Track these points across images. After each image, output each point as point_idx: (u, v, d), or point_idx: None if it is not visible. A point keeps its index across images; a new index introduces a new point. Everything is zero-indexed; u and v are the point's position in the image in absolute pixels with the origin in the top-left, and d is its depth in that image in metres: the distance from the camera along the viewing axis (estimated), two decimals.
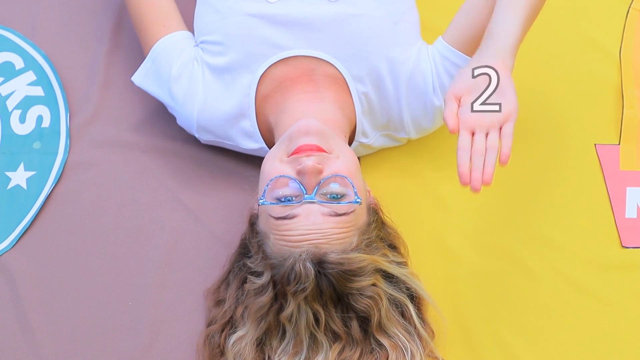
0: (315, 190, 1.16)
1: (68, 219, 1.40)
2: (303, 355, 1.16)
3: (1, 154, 1.45)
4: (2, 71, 1.52)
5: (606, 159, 1.43)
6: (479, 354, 1.29)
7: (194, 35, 1.40)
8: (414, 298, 1.23)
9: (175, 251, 1.37)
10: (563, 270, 1.35)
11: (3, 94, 1.50)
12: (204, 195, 1.42)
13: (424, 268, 1.29)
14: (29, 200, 1.41)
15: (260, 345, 1.19)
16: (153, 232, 1.39)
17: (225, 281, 1.29)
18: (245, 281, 1.22)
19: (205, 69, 1.34)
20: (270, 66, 1.31)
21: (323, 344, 1.16)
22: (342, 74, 1.31)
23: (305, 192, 1.16)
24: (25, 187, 1.43)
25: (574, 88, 1.49)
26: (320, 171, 1.16)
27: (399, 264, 1.22)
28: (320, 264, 1.12)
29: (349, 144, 1.35)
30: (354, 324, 1.17)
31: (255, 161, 1.38)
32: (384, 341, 1.17)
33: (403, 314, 1.20)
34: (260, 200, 1.18)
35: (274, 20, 1.30)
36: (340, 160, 1.19)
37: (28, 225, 1.40)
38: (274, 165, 1.20)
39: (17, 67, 1.52)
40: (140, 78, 1.39)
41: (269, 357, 1.18)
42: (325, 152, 1.19)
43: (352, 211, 1.16)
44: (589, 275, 1.34)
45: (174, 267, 1.36)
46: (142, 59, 1.39)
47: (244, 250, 1.26)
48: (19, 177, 1.43)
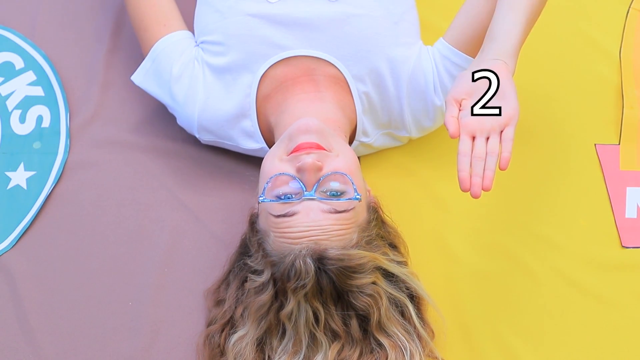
0: (314, 187, 1.16)
1: (68, 219, 1.40)
2: (302, 354, 1.16)
3: (1, 154, 1.45)
4: (2, 71, 1.52)
5: (606, 159, 1.43)
6: (479, 354, 1.29)
7: (194, 35, 1.40)
8: (413, 298, 1.23)
9: (175, 251, 1.37)
10: (563, 270, 1.35)
11: (3, 94, 1.50)
12: (204, 195, 1.42)
13: (424, 268, 1.29)
14: (29, 200, 1.41)
15: (261, 345, 1.19)
16: (153, 232, 1.39)
17: (225, 281, 1.29)
18: (245, 281, 1.22)
19: (205, 69, 1.34)
20: (270, 66, 1.31)
21: (322, 343, 1.16)
22: (343, 74, 1.31)
23: (305, 190, 1.16)
24: (25, 187, 1.43)
25: (574, 88, 1.49)
26: (319, 168, 1.16)
27: (399, 263, 1.22)
28: (321, 260, 1.12)
29: (350, 143, 1.35)
30: (354, 323, 1.17)
31: (255, 161, 1.38)
32: (384, 341, 1.17)
33: (403, 314, 1.20)
34: (260, 198, 1.18)
35: (275, 20, 1.30)
36: (340, 158, 1.19)
37: (28, 225, 1.40)
38: (274, 164, 1.20)
39: (17, 67, 1.52)
40: (140, 77, 1.39)
41: (269, 357, 1.18)
42: (325, 150, 1.19)
43: (352, 208, 1.17)
44: (589, 275, 1.34)
45: (174, 267, 1.36)
46: (142, 59, 1.39)
47: (244, 250, 1.26)
48: (19, 177, 1.43)
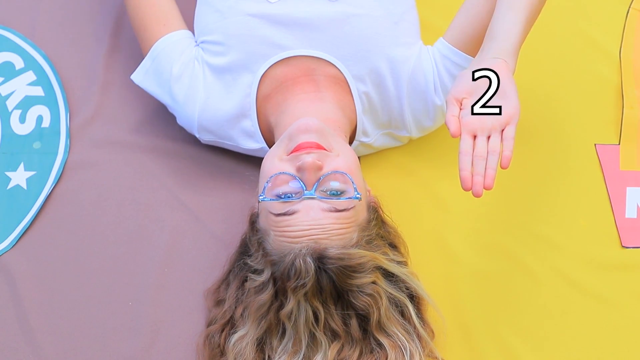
0: (314, 186, 1.16)
1: (68, 219, 1.40)
2: (302, 353, 1.16)
3: (1, 154, 1.45)
4: (2, 71, 1.52)
5: (606, 159, 1.43)
6: (479, 354, 1.29)
7: (194, 35, 1.40)
8: (413, 298, 1.23)
9: (175, 251, 1.37)
10: (563, 270, 1.35)
11: (3, 94, 1.50)
12: (204, 195, 1.42)
13: (424, 268, 1.29)
14: (29, 200, 1.41)
15: (261, 345, 1.19)
16: (153, 232, 1.39)
17: (225, 281, 1.29)
18: (245, 280, 1.22)
19: (206, 68, 1.34)
20: (271, 66, 1.31)
21: (322, 342, 1.16)
22: (343, 74, 1.31)
23: (305, 189, 1.16)
24: (25, 187, 1.43)
25: (574, 88, 1.49)
26: (320, 168, 1.16)
27: (399, 263, 1.22)
28: (321, 259, 1.12)
29: (350, 143, 1.35)
30: (353, 323, 1.17)
31: (256, 161, 1.38)
32: (383, 340, 1.17)
33: (402, 314, 1.20)
34: (260, 197, 1.18)
35: (275, 20, 1.30)
36: (340, 158, 1.19)
37: (28, 225, 1.39)
38: (274, 163, 1.20)
39: (17, 67, 1.52)
40: (140, 77, 1.39)
41: (269, 357, 1.18)
42: (325, 150, 1.19)
43: (352, 207, 1.17)
44: (589, 275, 1.34)
45: (174, 267, 1.36)
46: (142, 58, 1.39)
47: (244, 250, 1.26)
48: (19, 177, 1.43)
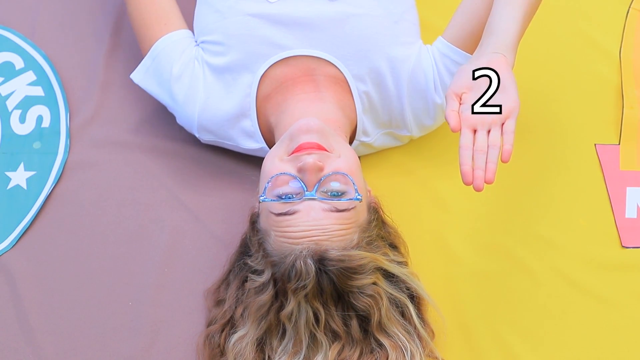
0: (315, 187, 1.16)
1: (68, 219, 1.40)
2: (302, 354, 1.16)
3: (1, 154, 1.45)
4: (2, 71, 1.52)
5: (606, 159, 1.43)
6: (479, 354, 1.29)
7: (194, 34, 1.40)
8: (414, 298, 1.23)
9: (175, 251, 1.37)
10: (563, 270, 1.34)
11: (3, 94, 1.50)
12: (204, 195, 1.42)
13: (424, 268, 1.29)
14: (29, 200, 1.41)
15: (261, 345, 1.19)
16: (153, 232, 1.39)
17: (225, 281, 1.29)
18: (245, 280, 1.22)
19: (206, 68, 1.34)
20: (270, 66, 1.31)
21: (323, 343, 1.16)
22: (343, 73, 1.31)
23: (305, 190, 1.16)
24: (25, 187, 1.43)
25: (574, 88, 1.49)
26: (321, 168, 1.16)
27: (400, 263, 1.22)
28: (321, 260, 1.12)
29: (350, 143, 1.35)
30: (354, 323, 1.17)
31: (256, 161, 1.38)
32: (384, 341, 1.17)
33: (403, 314, 1.20)
34: (261, 198, 1.18)
35: (274, 20, 1.30)
36: (340, 159, 1.19)
37: (28, 225, 1.39)
38: (275, 164, 1.20)
39: (17, 67, 1.52)
40: (139, 76, 1.39)
41: (269, 357, 1.18)
42: (326, 151, 1.19)
43: (353, 208, 1.16)
44: (589, 275, 1.34)
45: (174, 267, 1.36)
46: (142, 58, 1.39)
47: (244, 250, 1.26)
48: (19, 177, 1.43)
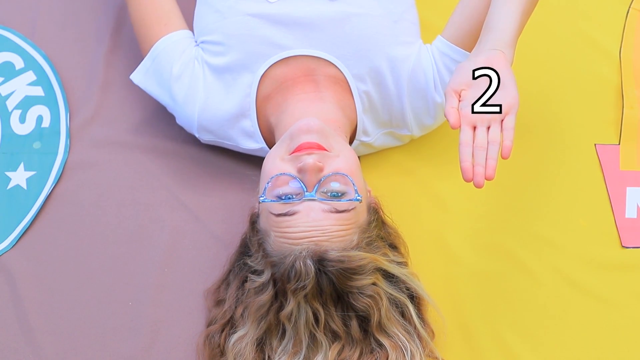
0: (315, 188, 1.16)
1: (68, 219, 1.40)
2: (302, 354, 1.16)
3: (1, 154, 1.45)
4: (2, 71, 1.52)
5: (606, 159, 1.43)
6: (479, 354, 1.29)
7: (193, 34, 1.40)
8: (414, 298, 1.22)
9: (175, 251, 1.37)
10: (563, 270, 1.34)
11: (3, 94, 1.50)
12: (204, 195, 1.42)
13: (424, 268, 1.29)
14: (29, 200, 1.41)
15: (260, 345, 1.19)
16: (153, 232, 1.39)
17: (225, 281, 1.29)
18: (245, 281, 1.22)
19: (206, 68, 1.34)
20: (270, 66, 1.31)
21: (322, 343, 1.16)
22: (343, 73, 1.31)
23: (305, 190, 1.16)
24: (25, 187, 1.43)
25: (574, 88, 1.49)
26: (320, 169, 1.16)
27: (399, 263, 1.22)
28: (321, 261, 1.12)
29: (350, 143, 1.35)
30: (354, 324, 1.17)
31: (256, 161, 1.38)
32: (384, 341, 1.17)
33: (403, 314, 1.20)
34: (261, 198, 1.18)
35: (274, 20, 1.30)
36: (340, 159, 1.19)
37: (28, 225, 1.39)
38: (275, 164, 1.20)
39: (17, 67, 1.52)
40: (139, 77, 1.39)
41: (268, 357, 1.18)
42: (326, 151, 1.19)
43: (353, 208, 1.16)
44: (589, 275, 1.34)
45: (174, 267, 1.36)
46: (142, 58, 1.39)
47: (244, 250, 1.26)
48: (19, 177, 1.43)
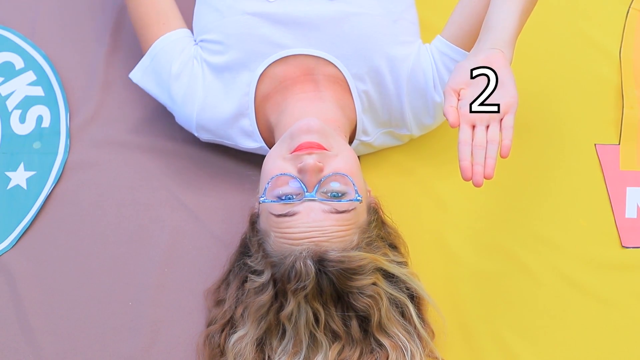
0: (315, 188, 1.16)
1: (68, 219, 1.40)
2: (302, 354, 1.16)
3: (1, 154, 1.45)
4: (2, 71, 1.52)
5: (606, 159, 1.43)
6: (479, 354, 1.29)
7: (193, 33, 1.40)
8: (414, 298, 1.23)
9: (175, 251, 1.37)
10: (563, 270, 1.34)
11: (3, 94, 1.50)
12: (204, 195, 1.42)
13: (424, 268, 1.29)
14: (29, 200, 1.41)
15: (260, 345, 1.19)
16: (153, 232, 1.39)
17: (225, 281, 1.29)
18: (245, 281, 1.22)
19: (205, 67, 1.34)
20: (269, 65, 1.31)
21: (322, 343, 1.16)
22: (342, 73, 1.31)
23: (305, 190, 1.16)
24: (25, 187, 1.43)
25: (574, 88, 1.49)
26: (321, 169, 1.16)
27: (399, 263, 1.22)
28: (321, 261, 1.12)
29: (350, 142, 1.35)
30: (354, 324, 1.17)
31: (256, 161, 1.38)
32: (384, 341, 1.17)
33: (403, 314, 1.20)
34: (261, 198, 1.18)
35: (274, 19, 1.30)
36: (340, 159, 1.19)
37: (28, 225, 1.39)
38: (276, 163, 1.20)
39: (17, 67, 1.52)
40: (138, 75, 1.39)
41: (268, 357, 1.18)
42: (326, 150, 1.19)
43: (353, 209, 1.17)
44: (589, 275, 1.34)
45: (174, 267, 1.36)
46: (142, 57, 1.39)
47: (244, 250, 1.26)
48: (19, 177, 1.43)
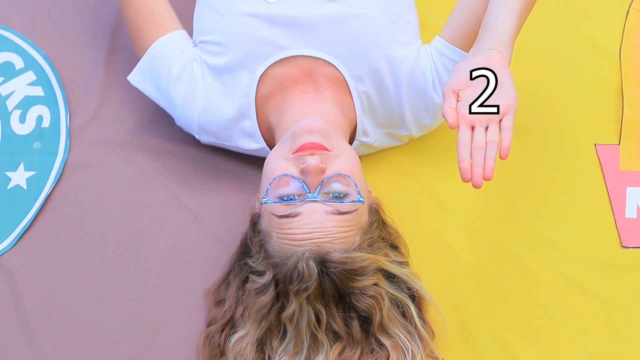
0: (318, 189, 1.16)
1: (68, 219, 1.40)
2: (303, 355, 1.16)
3: (1, 154, 1.45)
4: (2, 71, 1.52)
5: (606, 159, 1.43)
6: (479, 353, 1.29)
7: (192, 34, 1.40)
8: (415, 298, 1.23)
9: (175, 251, 1.37)
10: (563, 270, 1.34)
11: (3, 94, 1.50)
12: (204, 195, 1.42)
13: (424, 268, 1.29)
14: (29, 200, 1.41)
15: (261, 345, 1.19)
16: (153, 232, 1.39)
17: (225, 281, 1.29)
18: (246, 281, 1.22)
19: (205, 69, 1.34)
20: (270, 66, 1.31)
21: (324, 343, 1.16)
22: (342, 74, 1.31)
23: (308, 191, 1.16)
24: (25, 187, 1.43)
25: (574, 88, 1.49)
26: (323, 170, 1.16)
27: (401, 264, 1.22)
28: (323, 263, 1.12)
29: (350, 143, 1.35)
30: (355, 324, 1.17)
31: (256, 161, 1.38)
32: (385, 341, 1.17)
33: (404, 314, 1.20)
34: (263, 199, 1.18)
35: (274, 21, 1.30)
36: (342, 160, 1.19)
37: (28, 225, 1.39)
38: (277, 164, 1.20)
39: (17, 67, 1.52)
40: (136, 78, 1.38)
41: (269, 357, 1.18)
42: (328, 151, 1.19)
43: (355, 210, 1.17)
44: (589, 275, 1.34)
45: (174, 267, 1.36)
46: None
47: (245, 250, 1.26)
48: (19, 177, 1.43)
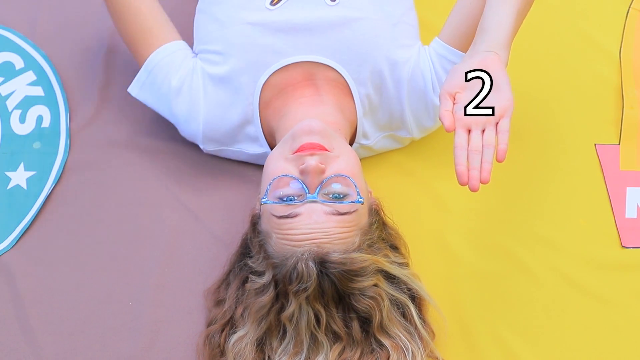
0: (317, 189, 1.16)
1: (68, 219, 1.40)
2: (303, 355, 1.16)
3: (1, 154, 1.45)
4: (2, 71, 1.52)
5: (606, 159, 1.43)
6: (479, 353, 1.29)
7: (192, 44, 1.40)
8: (415, 299, 1.23)
9: (175, 251, 1.37)
10: (563, 270, 1.34)
11: (3, 94, 1.50)
12: (204, 195, 1.42)
13: (424, 268, 1.29)
14: (29, 200, 1.41)
15: (261, 345, 1.19)
16: (153, 232, 1.39)
17: (225, 281, 1.29)
18: (245, 281, 1.22)
19: (206, 80, 1.34)
20: (272, 74, 1.31)
21: (323, 344, 1.16)
22: (344, 77, 1.31)
23: (307, 192, 1.16)
24: (25, 187, 1.43)
25: (574, 88, 1.49)
26: (322, 171, 1.16)
27: (400, 264, 1.22)
28: (323, 263, 1.12)
29: (350, 145, 1.35)
30: (355, 325, 1.17)
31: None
32: (385, 341, 1.17)
33: (404, 315, 1.20)
34: (263, 200, 1.18)
35: (275, 28, 1.30)
36: (342, 160, 1.19)
37: (28, 225, 1.39)
38: (277, 164, 1.20)
39: (17, 67, 1.52)
40: (136, 90, 1.38)
41: (269, 357, 1.18)
42: (328, 151, 1.19)
43: (355, 210, 1.17)
44: (589, 275, 1.34)
45: (174, 267, 1.36)
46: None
47: (245, 250, 1.26)
48: (19, 177, 1.43)
